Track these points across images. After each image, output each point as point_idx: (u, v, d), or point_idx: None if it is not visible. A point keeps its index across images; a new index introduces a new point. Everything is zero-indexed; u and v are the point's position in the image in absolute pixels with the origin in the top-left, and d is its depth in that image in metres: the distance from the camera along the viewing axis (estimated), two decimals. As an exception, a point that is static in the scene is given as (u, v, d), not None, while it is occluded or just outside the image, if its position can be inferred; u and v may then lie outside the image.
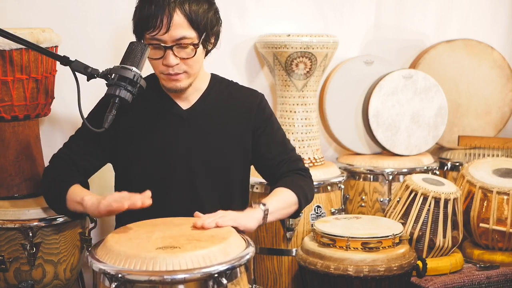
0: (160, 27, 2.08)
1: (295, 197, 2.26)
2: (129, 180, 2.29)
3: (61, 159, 2.27)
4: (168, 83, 2.19)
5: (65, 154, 2.27)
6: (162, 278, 1.69)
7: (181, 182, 2.26)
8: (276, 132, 2.38)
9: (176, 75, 2.16)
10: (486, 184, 2.90)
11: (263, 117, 2.34)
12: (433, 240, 2.74)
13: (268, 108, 2.39)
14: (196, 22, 2.12)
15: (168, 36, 2.10)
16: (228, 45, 3.16)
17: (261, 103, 2.36)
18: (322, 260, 2.50)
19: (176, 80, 2.18)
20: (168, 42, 2.11)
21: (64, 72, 2.25)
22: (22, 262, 2.30)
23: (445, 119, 3.39)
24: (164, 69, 2.16)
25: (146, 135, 2.26)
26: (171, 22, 2.08)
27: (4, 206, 2.33)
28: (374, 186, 3.23)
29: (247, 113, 2.32)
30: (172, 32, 2.09)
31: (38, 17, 2.72)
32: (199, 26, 2.13)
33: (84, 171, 2.28)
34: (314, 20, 3.39)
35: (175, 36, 2.10)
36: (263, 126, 2.33)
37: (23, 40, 2.13)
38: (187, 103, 2.29)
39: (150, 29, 2.09)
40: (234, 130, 2.30)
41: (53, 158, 2.30)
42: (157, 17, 2.08)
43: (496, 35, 3.85)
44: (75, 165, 2.25)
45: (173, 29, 2.09)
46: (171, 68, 2.14)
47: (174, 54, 2.12)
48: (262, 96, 2.39)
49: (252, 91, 2.40)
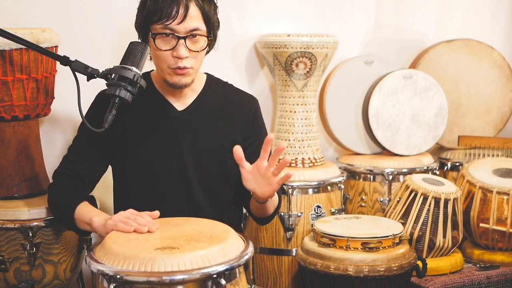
0: (176, 16, 2.08)
1: (277, 202, 2.30)
2: (126, 181, 2.29)
3: (64, 175, 2.25)
4: (174, 77, 2.17)
5: (67, 169, 2.25)
6: (160, 279, 1.69)
7: (176, 183, 2.26)
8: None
9: (184, 69, 2.14)
10: (486, 184, 2.90)
11: (257, 124, 2.35)
12: (433, 240, 2.74)
13: (261, 116, 2.40)
14: (208, 17, 2.14)
15: (182, 27, 2.09)
16: (228, 45, 3.16)
17: (256, 111, 2.37)
18: (322, 260, 2.50)
19: (182, 75, 2.16)
20: (182, 33, 2.10)
21: (64, 72, 2.26)
22: (22, 262, 2.30)
23: (445, 119, 3.39)
24: (173, 62, 2.13)
25: (141, 136, 2.25)
26: (187, 13, 2.08)
27: (4, 206, 2.33)
28: (374, 186, 3.23)
29: (243, 119, 2.32)
30: (187, 23, 2.09)
31: (38, 17, 2.72)
32: (210, 21, 2.14)
33: (89, 180, 2.27)
34: (314, 20, 3.40)
35: (189, 27, 2.10)
36: (255, 135, 2.33)
37: (23, 40, 2.13)
38: (182, 104, 2.28)
39: (163, 19, 2.08)
40: (228, 132, 2.30)
41: (55, 174, 2.27)
42: (173, 7, 2.08)
43: (496, 35, 3.85)
44: (79, 178, 2.23)
45: (188, 20, 2.09)
46: (180, 61, 2.12)
47: (185, 46, 2.11)
48: (257, 102, 2.39)
49: (248, 96, 2.40)
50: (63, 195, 2.20)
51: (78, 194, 2.20)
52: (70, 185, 2.22)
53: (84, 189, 2.24)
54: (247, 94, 2.41)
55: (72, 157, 2.27)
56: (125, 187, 2.29)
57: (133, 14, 2.21)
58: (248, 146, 2.30)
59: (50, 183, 2.28)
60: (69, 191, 2.20)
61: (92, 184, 2.29)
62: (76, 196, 2.18)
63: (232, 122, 2.30)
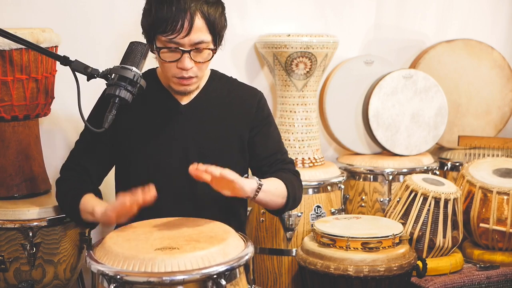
0: (180, 30, 2.04)
1: (285, 192, 2.25)
2: (128, 176, 2.29)
3: (71, 169, 2.26)
4: (179, 86, 2.18)
5: (74, 163, 2.26)
6: (160, 280, 1.69)
7: (180, 177, 2.25)
8: (272, 133, 2.37)
9: (189, 79, 2.15)
10: (486, 184, 2.90)
11: (262, 116, 2.34)
12: (433, 240, 2.74)
13: (267, 107, 2.39)
14: (213, 26, 2.10)
15: (187, 40, 2.07)
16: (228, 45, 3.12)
17: (260, 102, 2.35)
18: (322, 260, 2.50)
19: (187, 85, 2.17)
20: (186, 46, 2.08)
21: (64, 72, 2.25)
22: (22, 262, 2.30)
23: (445, 119, 3.39)
24: (177, 72, 2.13)
25: (145, 130, 2.25)
26: (192, 26, 2.05)
27: (4, 206, 2.33)
28: (374, 186, 3.23)
29: (247, 111, 2.32)
30: (192, 36, 2.06)
31: (38, 17, 2.72)
32: (215, 30, 2.11)
33: (96, 175, 2.28)
34: (314, 20, 3.40)
35: (194, 40, 2.07)
36: (260, 125, 2.33)
37: (23, 40, 2.13)
38: (186, 98, 2.28)
39: (168, 32, 2.05)
40: (232, 126, 2.30)
41: (63, 169, 2.29)
42: (178, 20, 2.03)
43: (496, 35, 3.85)
44: (86, 173, 2.24)
45: (193, 33, 2.06)
46: (185, 72, 2.12)
47: (190, 58, 2.10)
48: (261, 94, 2.38)
49: (251, 89, 2.40)
50: (70, 189, 2.21)
51: (84, 187, 2.21)
52: (77, 180, 2.23)
53: (90, 183, 2.25)
54: (250, 87, 2.41)
55: (78, 152, 2.28)
56: (128, 183, 2.29)
57: (133, 15, 2.21)
58: (254, 136, 2.31)
59: (58, 178, 2.29)
60: (76, 185, 2.22)
61: (99, 178, 2.31)
62: (81, 189, 2.20)
63: (237, 114, 2.30)
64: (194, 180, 2.26)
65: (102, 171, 2.31)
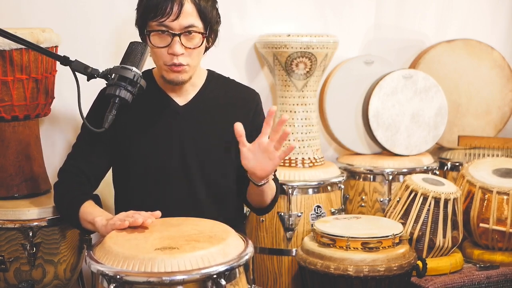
0: (170, 13, 2.08)
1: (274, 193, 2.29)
2: (126, 177, 2.29)
3: (69, 172, 2.26)
4: (170, 74, 2.18)
5: (72, 166, 2.26)
6: (160, 280, 1.69)
7: (178, 178, 2.26)
8: None
9: (179, 66, 2.15)
10: (486, 184, 2.90)
11: (258, 122, 2.32)
12: (433, 240, 2.74)
13: (263, 113, 2.40)
14: (204, 14, 2.13)
15: (177, 24, 2.10)
16: (228, 45, 3.16)
17: (257, 107, 2.36)
18: (322, 260, 2.50)
19: (178, 72, 2.17)
20: (177, 30, 2.11)
21: (64, 72, 2.26)
22: (22, 262, 2.30)
23: (445, 119, 3.39)
24: (168, 59, 2.15)
25: (143, 131, 2.26)
26: (181, 10, 2.09)
27: (4, 206, 2.33)
28: (374, 186, 3.23)
29: (244, 113, 2.32)
30: (181, 20, 2.10)
31: (38, 17, 2.72)
32: (206, 17, 2.14)
33: (94, 177, 2.28)
34: (314, 20, 3.39)
35: (183, 24, 2.10)
36: (254, 130, 2.31)
37: (23, 40, 2.13)
38: (184, 99, 2.29)
39: (158, 16, 2.09)
40: (230, 126, 2.29)
41: (60, 171, 2.29)
42: (167, 4, 2.08)
43: (496, 35, 3.85)
44: (84, 175, 2.24)
45: (183, 17, 2.10)
46: (175, 58, 2.13)
47: (181, 43, 2.12)
48: (259, 98, 2.39)
49: (249, 90, 2.40)
50: (68, 193, 2.21)
51: (83, 192, 2.21)
52: (75, 183, 2.23)
53: (89, 186, 2.26)
54: (248, 89, 2.41)
55: (76, 155, 2.28)
56: (126, 184, 2.29)
57: (133, 15, 2.21)
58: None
59: (56, 181, 2.29)
60: (74, 189, 2.21)
61: (97, 180, 2.30)
62: (81, 194, 2.19)
63: (234, 116, 2.29)
64: (192, 180, 2.27)
65: (100, 172, 2.31)
